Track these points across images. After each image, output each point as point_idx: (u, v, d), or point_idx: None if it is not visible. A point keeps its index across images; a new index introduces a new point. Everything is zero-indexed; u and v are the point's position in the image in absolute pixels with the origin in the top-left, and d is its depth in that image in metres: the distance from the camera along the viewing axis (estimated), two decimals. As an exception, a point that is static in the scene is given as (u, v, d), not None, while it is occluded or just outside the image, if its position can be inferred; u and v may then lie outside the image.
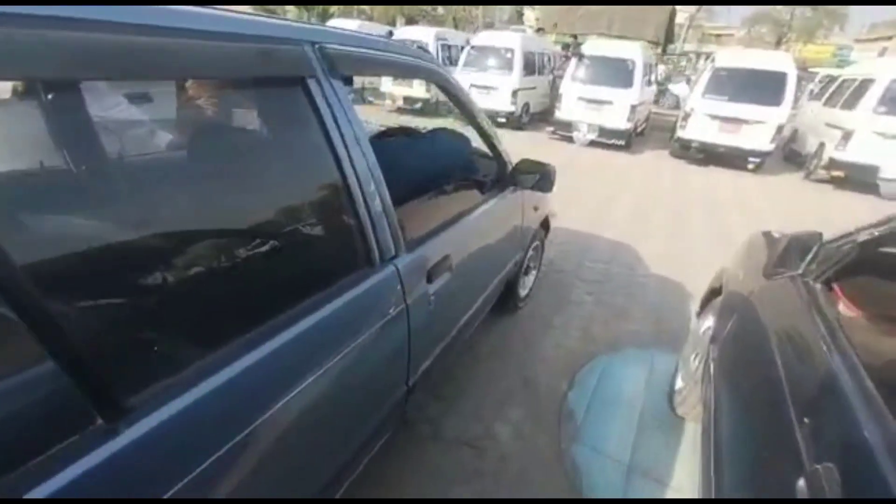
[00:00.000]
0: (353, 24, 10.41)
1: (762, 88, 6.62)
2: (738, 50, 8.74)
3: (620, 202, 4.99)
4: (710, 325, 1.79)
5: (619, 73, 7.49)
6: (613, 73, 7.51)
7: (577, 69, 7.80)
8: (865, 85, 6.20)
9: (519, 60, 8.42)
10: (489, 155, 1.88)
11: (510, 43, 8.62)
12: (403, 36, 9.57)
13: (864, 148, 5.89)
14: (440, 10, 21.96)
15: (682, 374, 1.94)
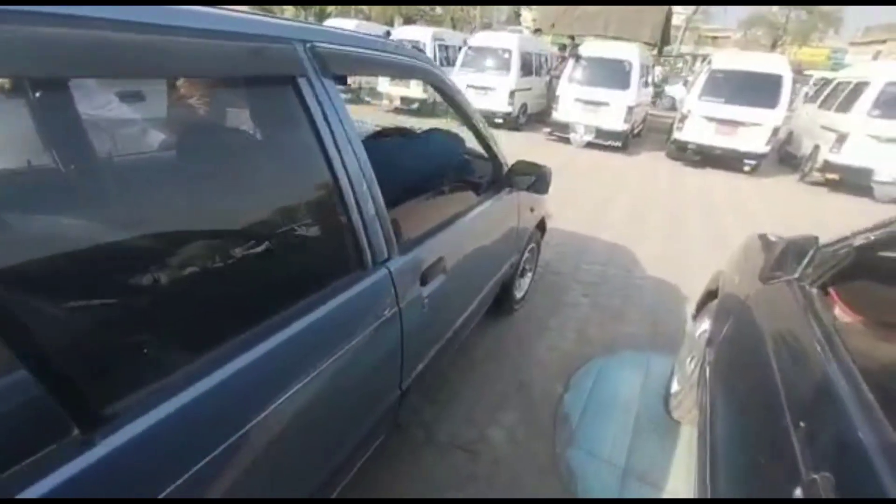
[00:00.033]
0: (350, 23, 10.37)
1: (758, 91, 6.65)
2: (734, 52, 8.78)
3: (617, 204, 4.99)
4: (706, 328, 1.78)
5: (616, 74, 7.51)
6: (610, 74, 7.53)
7: (574, 70, 7.80)
8: (860, 88, 6.25)
9: (516, 61, 8.42)
10: (485, 156, 1.87)
11: (507, 44, 8.62)
12: (401, 36, 9.55)
13: (858, 151, 5.94)
14: (438, 10, 21.95)
15: (677, 377, 1.93)
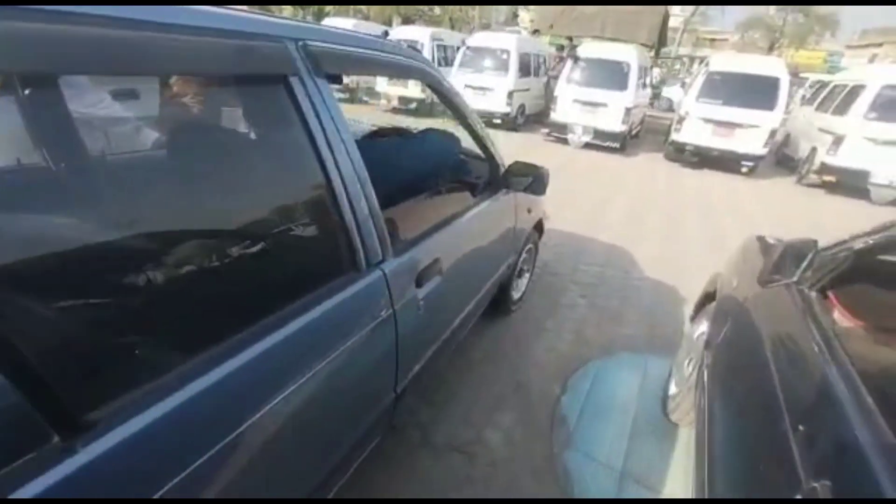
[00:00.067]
0: (348, 23, 10.34)
1: (756, 93, 6.67)
2: (732, 54, 8.79)
3: (615, 205, 4.99)
4: (704, 330, 1.78)
5: (614, 75, 7.51)
6: (609, 75, 7.53)
7: (572, 71, 7.80)
8: (856, 91, 6.27)
9: (514, 62, 8.41)
10: (481, 156, 1.85)
11: (506, 44, 8.61)
12: (399, 36, 9.53)
13: (855, 153, 5.95)
14: (437, 10, 21.93)
15: (675, 379, 1.92)
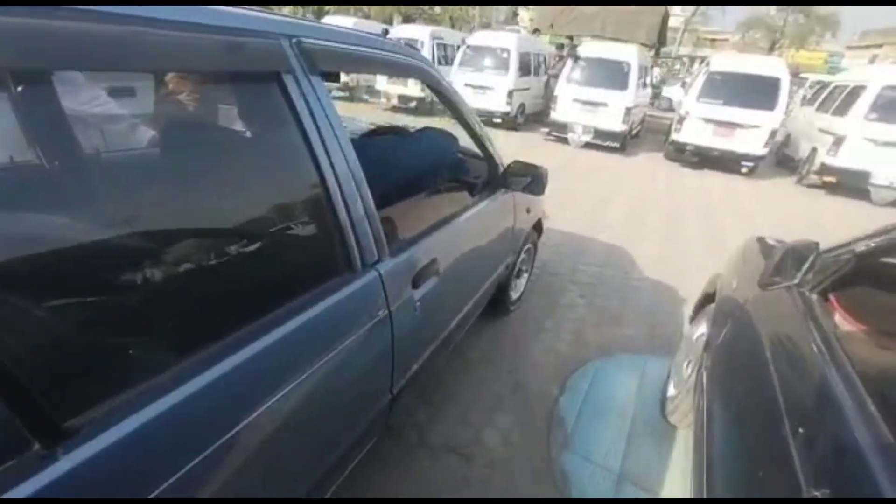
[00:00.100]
0: (348, 21, 10.31)
1: (756, 93, 6.65)
2: (732, 54, 8.77)
3: (615, 205, 4.97)
4: (703, 331, 1.76)
5: (614, 75, 7.49)
6: (609, 74, 7.51)
7: (572, 70, 7.78)
8: (857, 91, 6.25)
9: (515, 61, 8.38)
10: (480, 156, 1.84)
11: (506, 43, 8.58)
12: (399, 34, 9.51)
13: (855, 154, 5.94)
14: (437, 9, 21.88)
15: (674, 380, 1.91)
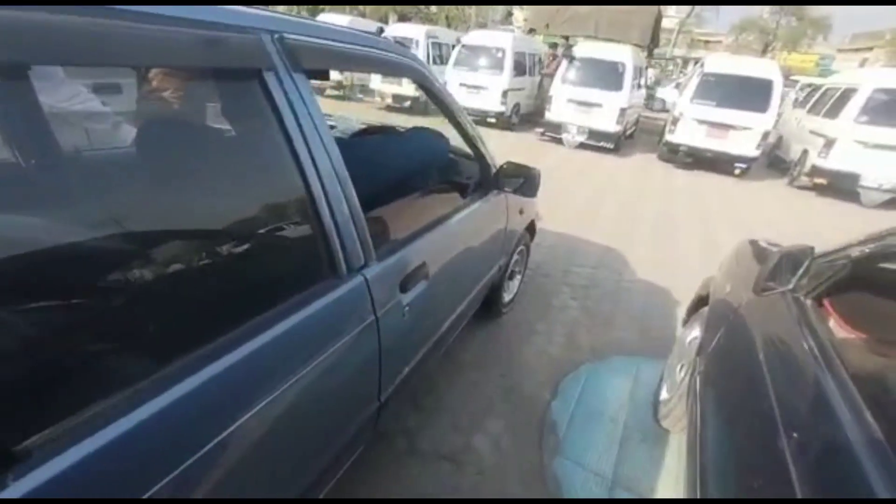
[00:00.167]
0: (343, 19, 10.22)
1: (749, 95, 6.69)
2: (726, 56, 8.82)
3: (608, 206, 4.98)
4: (696, 335, 1.75)
5: (609, 75, 7.50)
6: (604, 75, 7.51)
7: (567, 71, 7.78)
8: (848, 94, 6.30)
9: (510, 60, 8.36)
10: (472, 156, 1.81)
11: (501, 43, 8.56)
12: (394, 33, 9.45)
13: (845, 156, 5.99)
14: (433, 8, 21.80)
15: (667, 384, 1.90)
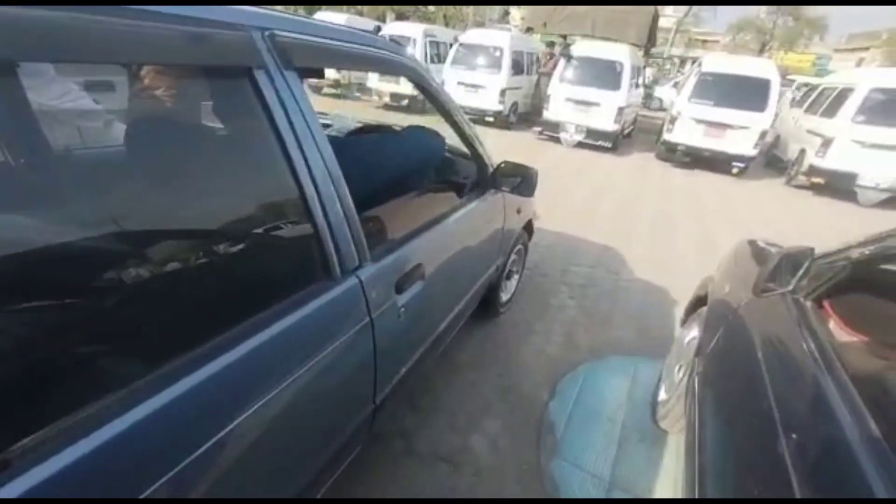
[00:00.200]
0: (341, 17, 10.18)
1: (747, 94, 6.69)
2: (724, 56, 8.83)
3: (606, 205, 4.97)
4: (694, 335, 1.74)
5: (607, 74, 7.49)
6: (602, 74, 7.51)
7: (565, 70, 7.77)
8: (845, 94, 6.30)
9: (507, 59, 8.35)
10: (469, 155, 1.79)
11: (499, 42, 8.54)
12: (391, 32, 9.42)
13: (843, 156, 6.00)
14: (431, 7, 21.73)
15: (665, 385, 1.89)
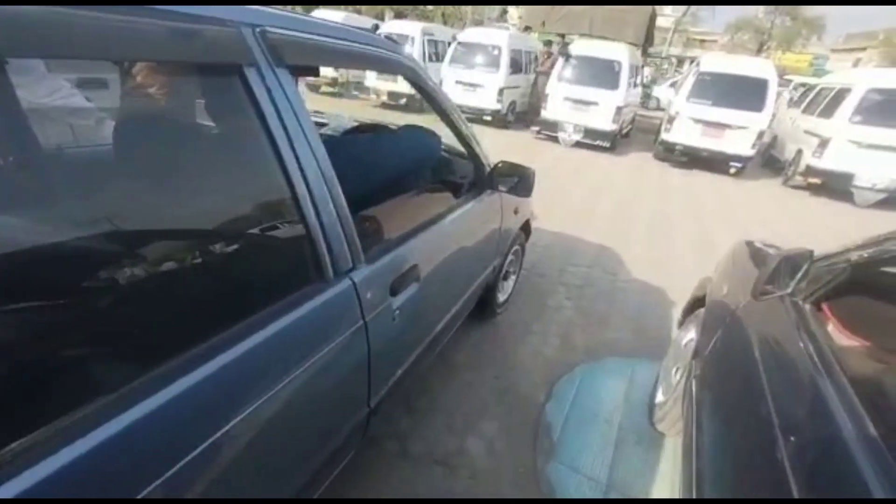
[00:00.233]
0: (338, 15, 10.13)
1: (745, 94, 6.69)
2: (722, 55, 8.84)
3: (604, 205, 4.96)
4: (692, 337, 1.73)
5: (605, 74, 7.48)
6: (600, 73, 7.49)
7: (563, 69, 7.76)
8: (842, 94, 6.31)
9: (506, 58, 8.32)
10: (465, 155, 1.78)
11: (497, 40, 8.51)
12: (389, 30, 9.38)
13: (839, 156, 6.00)
14: (429, 5, 21.66)
15: (662, 387, 1.88)
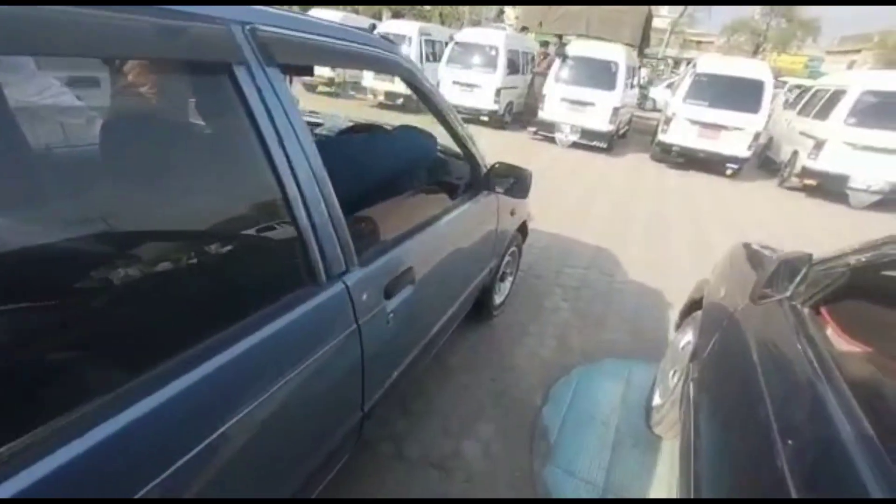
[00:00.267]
0: (336, 15, 10.10)
1: (741, 95, 6.71)
2: (718, 57, 8.88)
3: (601, 206, 4.97)
4: (689, 339, 1.72)
5: (602, 74, 7.49)
6: (597, 74, 7.50)
7: (560, 70, 7.76)
8: (837, 96, 6.34)
9: (503, 59, 8.32)
10: (462, 156, 1.76)
11: (495, 41, 8.51)
12: (387, 30, 9.35)
13: (835, 158, 6.03)
14: (427, 5, 21.65)
15: (659, 389, 1.87)
